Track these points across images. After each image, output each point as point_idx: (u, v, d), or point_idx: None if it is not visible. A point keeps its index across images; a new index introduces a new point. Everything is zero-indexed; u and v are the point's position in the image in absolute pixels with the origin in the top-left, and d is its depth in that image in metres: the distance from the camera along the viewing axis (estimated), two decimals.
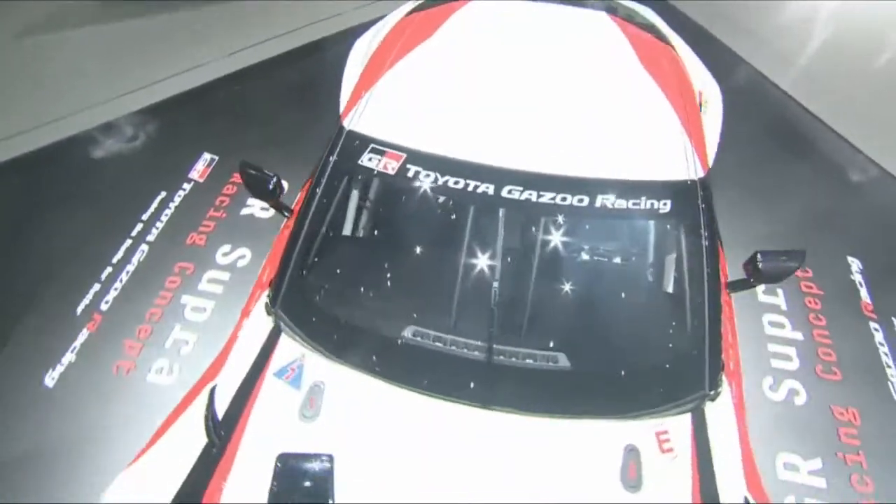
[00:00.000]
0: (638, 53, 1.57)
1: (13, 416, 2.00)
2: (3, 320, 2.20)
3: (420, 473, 1.13)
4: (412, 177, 1.32)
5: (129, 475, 1.28)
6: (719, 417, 1.27)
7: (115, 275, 2.39)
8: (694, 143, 1.39)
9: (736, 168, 2.84)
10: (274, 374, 1.31)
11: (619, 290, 1.35)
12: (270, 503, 1.13)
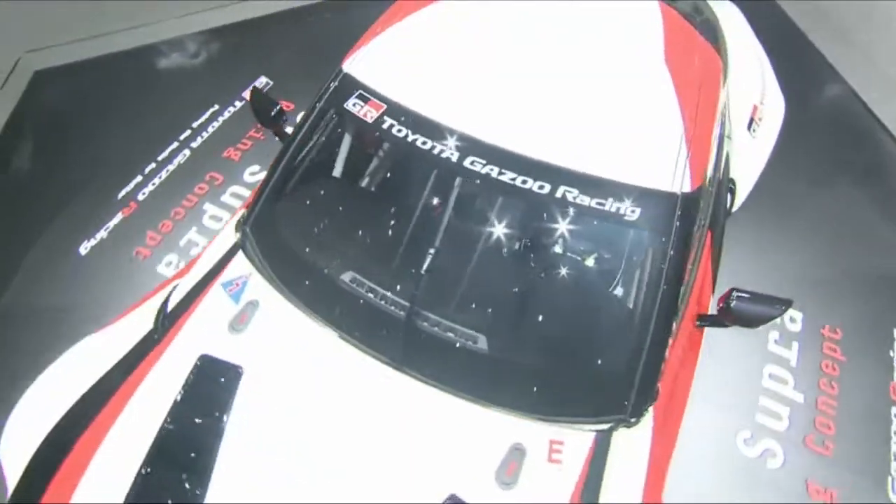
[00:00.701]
0: (667, 47, 1.41)
1: (49, 272, 2.33)
2: (59, 194, 2.53)
3: (308, 410, 1.19)
4: (385, 128, 1.32)
5: (89, 341, 1.46)
6: (629, 448, 1.20)
7: (156, 171, 2.63)
8: (692, 154, 1.25)
9: (799, 195, 2.55)
10: (221, 284, 1.42)
11: (562, 289, 1.28)
12: (182, 392, 1.24)
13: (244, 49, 3.19)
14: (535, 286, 1.30)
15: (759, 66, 2.08)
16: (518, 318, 1.27)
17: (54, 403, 1.33)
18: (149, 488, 1.14)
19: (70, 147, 2.72)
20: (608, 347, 1.24)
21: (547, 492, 1.12)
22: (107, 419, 1.26)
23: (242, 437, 1.18)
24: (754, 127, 1.97)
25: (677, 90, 1.32)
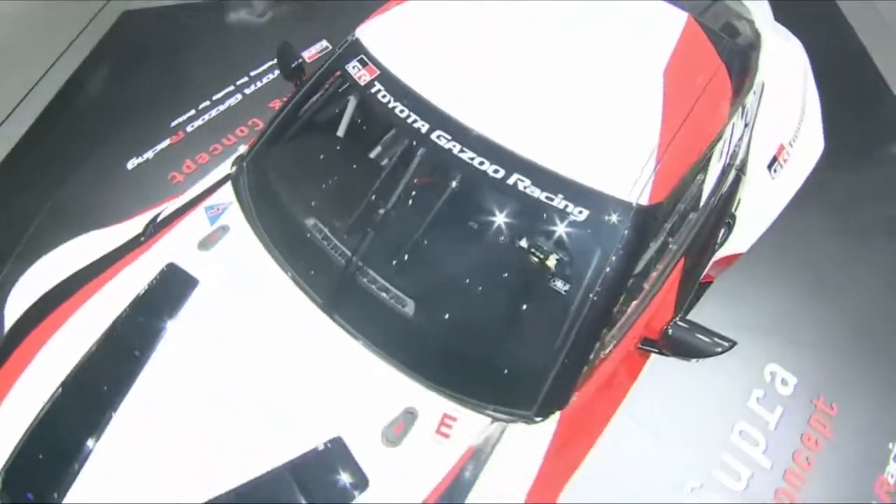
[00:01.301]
0: (672, 61, 1.35)
1: (98, 178, 2.63)
2: (122, 116, 2.83)
3: (239, 332, 1.29)
4: (372, 92, 1.39)
5: (92, 235, 1.66)
6: (523, 446, 1.19)
7: (208, 108, 2.88)
8: (660, 169, 1.21)
9: (825, 250, 2.37)
10: (204, 207, 1.56)
11: (496, 274, 1.29)
12: (143, 291, 1.39)
13: (310, 13, 3.39)
14: (471, 266, 1.31)
15: (801, 105, 1.93)
16: (447, 293, 1.30)
17: (42, 281, 1.53)
18: (87, 373, 1.30)
19: (139, 78, 3.03)
20: (527, 341, 1.24)
21: (426, 461, 1.14)
22: (76, 303, 1.43)
23: (176, 344, 1.30)
24: (776, 167, 1.84)
25: (665, 104, 1.28)
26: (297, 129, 1.60)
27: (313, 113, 1.58)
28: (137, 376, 1.27)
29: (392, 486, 1.13)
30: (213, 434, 1.18)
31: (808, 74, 2.07)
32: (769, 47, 1.92)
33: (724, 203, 1.66)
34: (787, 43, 2.10)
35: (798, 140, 1.89)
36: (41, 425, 1.25)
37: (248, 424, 1.18)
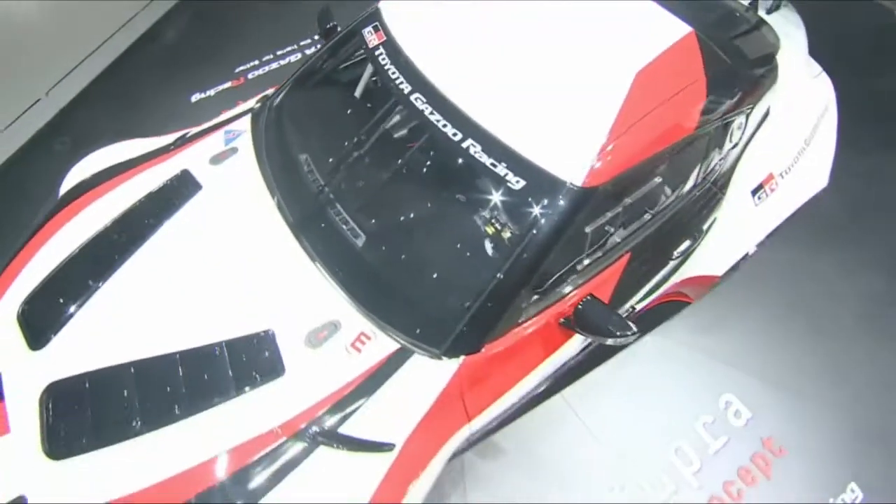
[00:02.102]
0: (650, 66, 1.41)
1: (164, 104, 3.02)
2: (198, 57, 3.21)
3: (217, 234, 1.52)
4: (375, 54, 1.57)
5: (138, 141, 1.97)
6: (422, 378, 1.33)
7: (270, 61, 3.21)
8: (603, 161, 1.30)
9: (817, 287, 2.32)
10: (224, 131, 1.82)
11: (441, 223, 1.43)
12: (157, 188, 1.66)
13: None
14: (418, 213, 1.46)
15: (805, 140, 1.89)
16: (392, 232, 1.46)
17: (90, 168, 1.86)
18: (100, 241, 1.58)
19: (214, 30, 3.42)
20: (449, 286, 1.37)
21: (334, 367, 1.31)
22: (110, 186, 1.73)
23: (170, 231, 1.55)
24: (761, 195, 1.83)
25: (626, 102, 1.36)
26: (314, 80, 1.82)
27: (330, 68, 1.79)
28: (136, 250, 1.53)
29: (302, 381, 1.31)
30: (177, 305, 1.42)
31: (828, 113, 2.03)
32: (790, 79, 1.92)
33: (691, 215, 1.70)
34: (813, 79, 2.07)
35: (792, 173, 1.87)
36: (56, 274, 1.55)
37: (204, 304, 1.41)
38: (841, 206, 2.43)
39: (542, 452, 1.97)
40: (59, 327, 1.45)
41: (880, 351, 2.19)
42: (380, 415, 1.31)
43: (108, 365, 1.36)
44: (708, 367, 2.17)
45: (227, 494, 1.22)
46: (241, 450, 1.24)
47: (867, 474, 1.94)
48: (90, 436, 1.29)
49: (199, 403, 1.29)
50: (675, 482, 1.92)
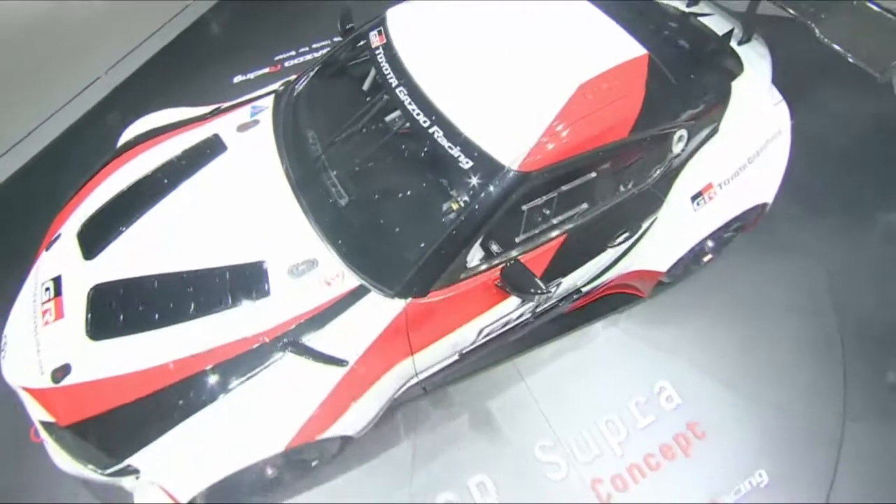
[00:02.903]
0: (596, 79, 1.69)
1: (207, 84, 3.45)
2: (239, 45, 3.68)
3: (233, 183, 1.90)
4: (375, 53, 1.91)
5: (185, 109, 2.38)
6: (373, 311, 1.66)
7: (305, 53, 3.63)
8: (535, 150, 1.60)
9: (763, 295, 2.56)
10: (251, 105, 2.20)
11: (408, 190, 1.76)
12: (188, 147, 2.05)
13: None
14: (391, 182, 1.79)
15: (749, 158, 2.12)
16: (368, 196, 1.80)
17: (142, 127, 2.28)
18: (144, 182, 1.98)
19: (256, 23, 3.86)
20: (407, 241, 1.68)
21: (309, 295, 1.65)
22: (157, 142, 2.13)
23: (198, 179, 1.94)
24: (700, 201, 2.07)
25: (565, 107, 1.65)
26: (329, 71, 2.19)
27: (341, 63, 2.16)
28: (170, 192, 1.93)
29: (282, 301, 1.66)
30: (196, 235, 1.80)
31: (780, 137, 2.24)
32: (747, 103, 2.17)
33: (629, 210, 1.97)
34: (771, 106, 2.30)
35: (731, 185, 2.10)
36: (105, 207, 1.96)
37: (216, 236, 1.78)
38: (789, 222, 2.66)
39: (487, 408, 2.27)
40: (106, 245, 1.85)
41: (805, 358, 2.40)
42: (339, 335, 1.64)
43: (138, 275, 1.76)
44: (649, 356, 2.41)
45: (215, 378, 1.58)
46: (231, 346, 1.61)
47: (776, 463, 2.15)
48: (120, 325, 1.68)
49: (203, 310, 1.66)
50: (600, 447, 2.18)
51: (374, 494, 2.08)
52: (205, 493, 1.59)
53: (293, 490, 2.04)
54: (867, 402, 2.31)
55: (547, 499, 2.07)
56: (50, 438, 1.71)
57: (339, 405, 1.66)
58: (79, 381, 1.64)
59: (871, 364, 2.41)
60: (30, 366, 1.72)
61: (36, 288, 1.87)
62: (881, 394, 2.35)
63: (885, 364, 2.41)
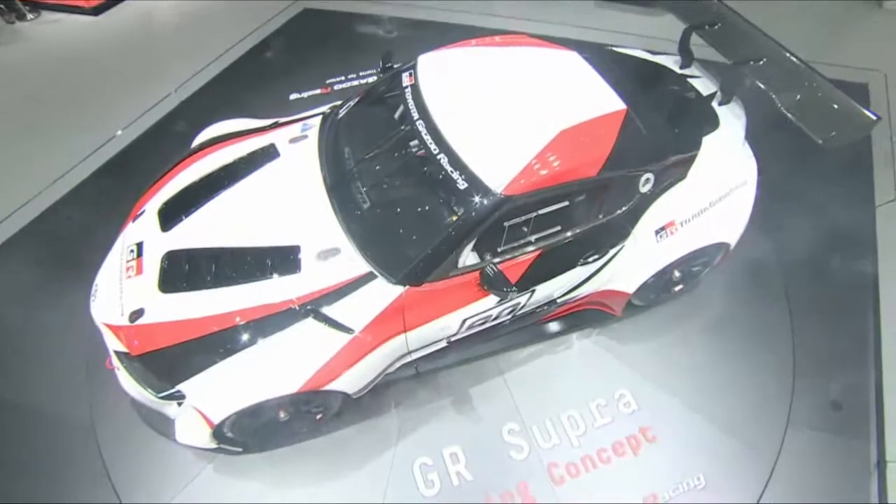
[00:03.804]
0: (574, 127, 2.12)
1: (268, 102, 4.05)
2: (300, 71, 4.30)
3: (282, 182, 2.40)
4: (404, 91, 2.39)
5: (250, 120, 2.93)
6: (376, 294, 2.09)
7: (353, 79, 4.26)
8: (517, 179, 2.02)
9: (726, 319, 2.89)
10: (302, 123, 2.73)
11: (417, 202, 2.20)
12: (247, 153, 2.58)
13: (425, 42, 4.56)
14: (405, 194, 2.24)
15: (710, 203, 2.47)
16: (385, 204, 2.25)
17: (212, 132, 2.84)
18: (212, 176, 2.50)
19: (308, 51, 4.52)
20: (411, 241, 2.11)
21: (332, 274, 2.11)
22: (225, 145, 2.66)
23: (255, 177, 2.45)
24: (663, 235, 2.43)
25: (545, 148, 2.07)
26: (367, 101, 2.69)
27: (378, 95, 2.66)
28: (232, 185, 2.44)
29: (310, 278, 2.12)
30: (249, 220, 2.29)
31: (746, 187, 2.60)
32: (718, 154, 2.55)
33: (598, 236, 2.35)
34: (742, 159, 2.66)
35: (691, 224, 2.46)
36: (180, 192, 2.49)
37: (264, 222, 2.27)
38: (750, 262, 3.02)
39: (468, 393, 2.66)
40: (179, 221, 2.37)
41: (751, 381, 2.70)
42: (349, 309, 2.09)
43: (201, 247, 2.26)
44: (614, 367, 2.76)
45: (251, 330, 2.05)
46: (266, 307, 2.07)
47: (715, 469, 2.45)
48: (184, 283, 2.17)
49: (248, 278, 2.14)
50: (559, 437, 2.53)
51: (365, 452, 2.48)
52: (232, 417, 2.05)
53: (299, 437, 2.48)
54: (811, 415, 2.62)
55: (507, 474, 2.42)
56: (121, 365, 2.21)
57: (343, 364, 2.09)
58: (149, 322, 2.13)
59: (818, 384, 2.73)
60: (113, 307, 2.23)
61: (123, 249, 2.41)
62: (824, 407, 2.66)
63: (830, 382, 2.74)
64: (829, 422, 2.60)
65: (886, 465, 2.47)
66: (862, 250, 3.28)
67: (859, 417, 2.62)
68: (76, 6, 5.28)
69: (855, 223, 3.38)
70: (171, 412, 2.22)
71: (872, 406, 2.65)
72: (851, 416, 2.62)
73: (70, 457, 2.49)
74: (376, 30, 4.83)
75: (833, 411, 2.64)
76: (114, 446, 2.49)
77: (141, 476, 2.42)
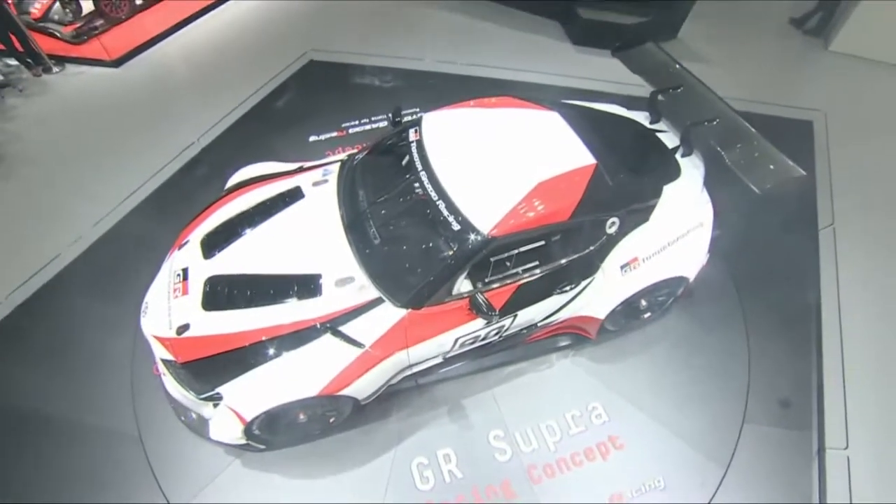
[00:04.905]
0: (552, 179, 2.57)
1: (290, 143, 4.58)
2: (311, 116, 4.84)
3: (305, 218, 2.85)
4: (410, 145, 2.87)
5: (279, 163, 3.43)
6: (384, 315, 2.51)
7: (366, 123, 4.76)
8: (501, 223, 2.47)
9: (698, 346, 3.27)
10: (324, 168, 3.20)
11: (419, 240, 2.63)
12: (276, 193, 3.05)
13: (421, 90, 5.22)
14: (408, 232, 2.68)
15: (668, 243, 2.89)
16: (392, 239, 2.69)
17: (244, 175, 3.32)
18: (246, 214, 2.97)
19: (316, 100, 5.05)
20: (413, 272, 2.55)
21: (347, 298, 2.54)
22: (254, 187, 3.13)
23: (283, 215, 2.91)
24: (627, 269, 2.85)
25: (525, 197, 2.52)
26: (378, 150, 3.18)
27: (387, 146, 3.14)
28: (264, 222, 2.90)
29: (329, 301, 2.55)
30: (278, 251, 2.74)
31: (702, 228, 3.04)
32: (678, 200, 2.99)
33: (570, 270, 2.78)
34: (700, 204, 3.10)
35: (652, 260, 2.88)
36: (220, 226, 2.95)
37: (291, 254, 2.72)
38: (711, 288, 3.48)
39: (460, 403, 3.05)
40: (219, 251, 2.82)
41: (714, 398, 3.07)
42: (361, 327, 2.51)
43: (238, 273, 2.71)
44: (589, 383, 3.15)
45: (279, 343, 2.47)
46: (293, 325, 2.50)
47: (675, 473, 2.83)
48: (223, 303, 2.61)
49: (277, 300, 2.58)
50: (538, 442, 2.91)
51: (370, 451, 2.87)
52: (262, 416, 2.46)
53: (314, 437, 2.88)
54: (763, 412, 3.09)
55: (492, 473, 2.80)
56: (167, 371, 2.63)
57: (355, 374, 2.51)
58: (194, 335, 2.57)
59: (770, 386, 3.17)
60: (162, 322, 2.66)
61: (170, 273, 2.86)
62: (774, 405, 3.11)
63: (780, 383, 3.21)
64: (778, 418, 3.06)
65: (826, 452, 2.92)
66: (806, 270, 3.81)
67: (804, 412, 3.08)
68: (98, 59, 5.70)
69: (800, 245, 3.94)
70: (207, 412, 2.63)
71: (814, 402, 3.12)
72: (797, 412, 3.09)
73: (121, 464, 2.86)
74: (375, 79, 5.40)
75: (781, 408, 3.09)
76: (159, 455, 2.87)
77: (180, 472, 2.81)
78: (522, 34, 6.13)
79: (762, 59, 5.91)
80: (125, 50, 5.82)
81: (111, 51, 5.79)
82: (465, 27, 6.22)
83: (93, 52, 5.80)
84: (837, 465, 2.90)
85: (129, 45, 5.88)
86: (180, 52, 5.94)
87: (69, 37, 5.93)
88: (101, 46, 5.85)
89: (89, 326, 3.38)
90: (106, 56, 5.72)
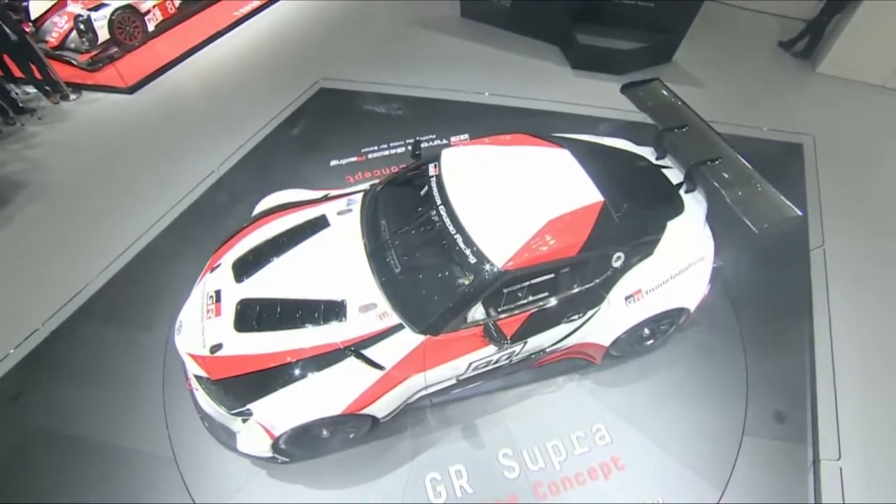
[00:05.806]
0: (561, 217, 2.76)
1: (312, 168, 4.82)
2: (328, 143, 5.08)
3: (330, 247, 3.06)
4: (431, 178, 3.08)
5: (303, 191, 3.66)
6: (404, 340, 2.71)
7: (385, 149, 4.98)
8: (513, 258, 2.67)
9: (690, 371, 3.42)
10: (348, 198, 3.42)
11: (438, 270, 2.83)
12: (304, 221, 3.27)
13: (435, 115, 5.45)
14: (428, 264, 2.88)
15: (671, 276, 3.07)
16: (412, 269, 2.89)
17: (270, 202, 3.55)
18: (273, 241, 3.18)
19: (333, 125, 5.30)
20: (432, 300, 2.75)
21: (369, 323, 2.74)
22: (281, 215, 3.35)
23: (309, 242, 3.12)
24: (631, 300, 3.03)
25: (537, 233, 2.71)
26: (399, 181, 3.39)
27: (408, 178, 3.36)
28: (291, 248, 3.12)
29: (353, 325, 2.75)
30: (306, 277, 2.95)
31: (704, 262, 3.21)
32: (681, 234, 3.17)
33: (578, 300, 2.96)
34: (702, 239, 3.28)
35: (655, 292, 3.06)
36: (250, 251, 3.17)
37: (318, 280, 2.93)
38: (711, 313, 3.64)
39: (472, 422, 3.23)
40: (250, 275, 3.04)
41: (710, 424, 3.23)
42: (382, 351, 2.71)
43: (268, 297, 2.92)
44: (593, 406, 3.32)
45: (307, 364, 2.67)
46: (319, 347, 2.70)
47: (673, 492, 2.99)
48: (254, 325, 2.82)
49: (305, 323, 2.78)
50: (545, 461, 3.08)
51: (386, 466, 3.05)
52: (289, 432, 2.65)
53: (336, 450, 3.07)
54: (761, 426, 3.27)
55: (501, 489, 2.97)
56: (200, 387, 2.84)
57: (375, 394, 2.70)
58: (226, 354, 2.77)
59: (767, 401, 3.37)
60: (196, 341, 2.87)
61: (203, 294, 3.07)
62: (771, 419, 3.30)
63: (777, 398, 3.40)
64: (775, 430, 3.24)
65: (820, 463, 3.11)
66: (799, 289, 4.01)
67: (799, 426, 3.28)
68: (113, 86, 5.92)
69: (793, 265, 4.16)
70: (235, 427, 2.83)
71: (809, 415, 3.32)
72: (793, 425, 3.28)
73: (156, 484, 3.03)
74: (384, 106, 5.64)
75: (778, 422, 3.27)
76: (191, 468, 3.06)
77: (210, 481, 3.01)
78: (524, 58, 6.44)
79: (752, 82, 6.18)
80: (139, 77, 6.03)
81: (126, 77, 6.00)
82: (469, 53, 6.52)
83: (108, 80, 6.02)
84: (831, 475, 3.08)
85: (143, 72, 6.09)
86: (191, 79, 6.21)
87: (85, 64, 6.13)
88: (116, 73, 6.07)
89: (121, 351, 3.58)
90: (121, 83, 5.91)
